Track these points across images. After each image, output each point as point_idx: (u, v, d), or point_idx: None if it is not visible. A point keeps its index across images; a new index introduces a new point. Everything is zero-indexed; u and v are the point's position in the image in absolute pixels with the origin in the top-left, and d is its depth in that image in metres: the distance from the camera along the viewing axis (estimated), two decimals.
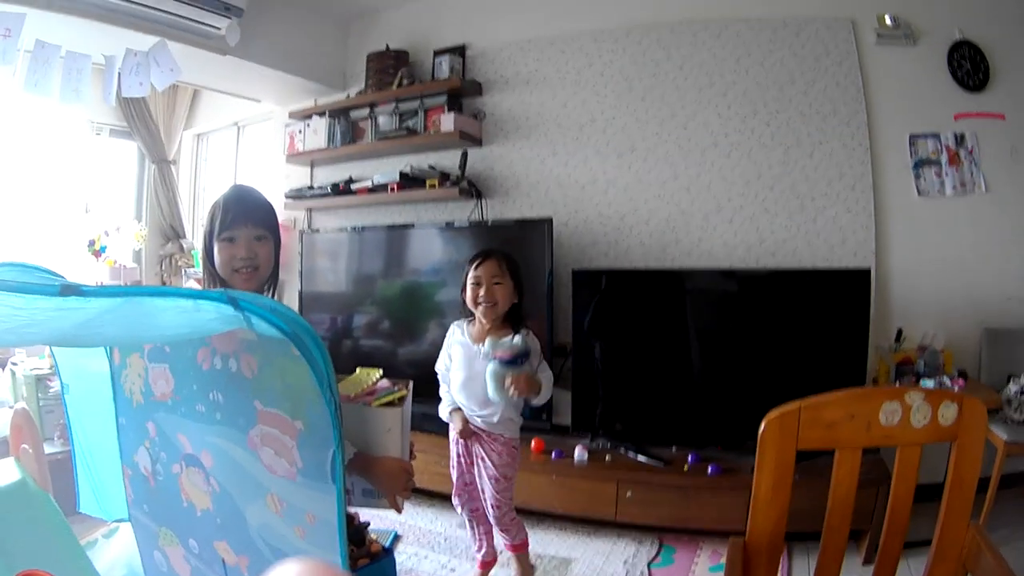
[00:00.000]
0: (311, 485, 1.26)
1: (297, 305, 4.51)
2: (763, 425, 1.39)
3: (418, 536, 3.32)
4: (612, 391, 3.58)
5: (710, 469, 3.17)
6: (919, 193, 3.52)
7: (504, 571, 2.86)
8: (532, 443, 3.51)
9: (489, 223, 4.17)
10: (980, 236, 3.45)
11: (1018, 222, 3.41)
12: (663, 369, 3.57)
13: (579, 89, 4.13)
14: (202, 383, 1.43)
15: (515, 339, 2.49)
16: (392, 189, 4.35)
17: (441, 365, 2.74)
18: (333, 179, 4.74)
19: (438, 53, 4.45)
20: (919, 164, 3.51)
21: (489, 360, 2.48)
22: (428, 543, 3.25)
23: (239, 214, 1.71)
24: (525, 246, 3.67)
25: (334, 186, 4.67)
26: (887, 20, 3.51)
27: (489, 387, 2.46)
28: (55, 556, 1.61)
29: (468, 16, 4.49)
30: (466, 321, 2.70)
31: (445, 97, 4.34)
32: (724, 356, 3.50)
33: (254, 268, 1.72)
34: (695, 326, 3.56)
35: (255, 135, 5.87)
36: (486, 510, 2.68)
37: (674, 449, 3.41)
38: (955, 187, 3.47)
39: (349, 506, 1.63)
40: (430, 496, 3.55)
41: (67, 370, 1.93)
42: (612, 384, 3.59)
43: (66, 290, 1.02)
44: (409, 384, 1.71)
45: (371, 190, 4.47)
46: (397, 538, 3.29)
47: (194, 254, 5.68)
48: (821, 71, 3.63)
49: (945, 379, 3.14)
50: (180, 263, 5.76)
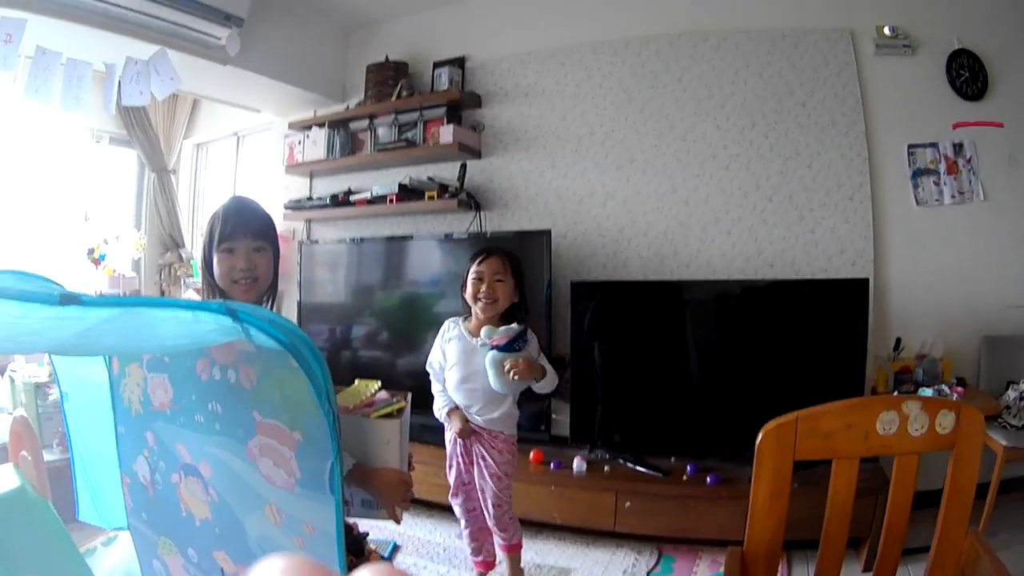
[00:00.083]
0: (309, 496, 1.25)
1: (296, 316, 4.50)
2: (760, 436, 1.40)
3: (417, 546, 3.31)
4: (611, 402, 3.57)
5: (709, 479, 3.17)
6: (917, 202, 3.53)
7: (494, 573, 2.87)
8: (531, 454, 3.50)
9: (488, 235, 4.16)
10: (979, 244, 3.46)
11: (1016, 229, 3.42)
12: (662, 380, 3.56)
13: (578, 101, 4.14)
14: (201, 393, 1.43)
15: (512, 325, 2.48)
16: (391, 201, 4.36)
17: (435, 362, 2.70)
18: (332, 190, 4.74)
19: (437, 65, 4.47)
20: (917, 173, 3.52)
21: (487, 350, 2.47)
22: (427, 553, 3.24)
23: (238, 225, 1.72)
24: (524, 258, 3.62)
25: (333, 197, 4.67)
26: (886, 30, 3.53)
27: (490, 375, 2.44)
28: (54, 563, 1.61)
29: (467, 28, 4.51)
30: (462, 318, 2.68)
31: (444, 109, 4.36)
32: (723, 367, 3.50)
33: (253, 279, 1.73)
34: (693, 337, 3.56)
35: (254, 145, 5.88)
36: (484, 509, 2.67)
37: (673, 459, 3.41)
38: (953, 196, 3.48)
39: (348, 516, 1.63)
40: (429, 507, 3.55)
41: (66, 378, 1.93)
42: (611, 395, 3.58)
43: (65, 299, 1.02)
44: (408, 396, 1.71)
45: (370, 201, 4.47)
46: (396, 548, 3.28)
47: (193, 264, 5.68)
48: (820, 82, 3.65)
49: (944, 387, 3.13)
50: (179, 273, 5.76)
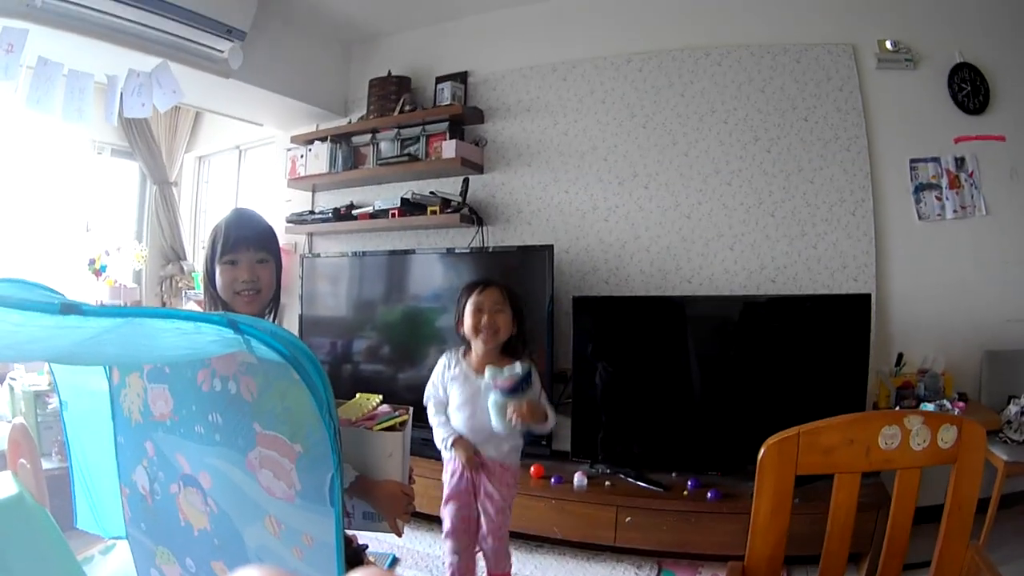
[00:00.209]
0: (309, 508, 1.25)
1: (297, 329, 4.50)
2: (762, 451, 1.40)
3: (416, 559, 3.30)
4: (612, 417, 3.56)
5: (710, 494, 3.15)
6: (920, 217, 3.53)
7: None
8: (532, 469, 3.49)
9: (490, 250, 4.18)
10: (981, 258, 3.46)
11: (1018, 243, 3.43)
12: (663, 395, 3.55)
13: (580, 116, 4.16)
14: (201, 404, 1.43)
15: (516, 367, 2.44)
16: (393, 215, 4.37)
17: (432, 396, 2.61)
18: (334, 204, 4.75)
19: (440, 79, 4.48)
20: (919, 188, 3.53)
21: (490, 391, 2.44)
22: (426, 566, 3.23)
23: (241, 237, 1.73)
24: (526, 273, 3.69)
25: (335, 211, 4.68)
26: (888, 45, 3.55)
27: (492, 418, 2.40)
28: (51, 571, 1.60)
29: (470, 43, 4.53)
30: (459, 351, 2.61)
31: (447, 123, 4.36)
32: (724, 382, 3.49)
33: (256, 291, 1.74)
34: (695, 352, 3.55)
35: (257, 159, 5.89)
36: (482, 541, 2.57)
37: (674, 475, 3.39)
38: (955, 211, 3.48)
39: (350, 529, 1.63)
40: (429, 520, 3.50)
41: (66, 387, 1.93)
42: (612, 410, 3.57)
43: (66, 308, 1.03)
44: (409, 410, 1.73)
45: (372, 215, 4.48)
46: (395, 561, 3.27)
47: (195, 276, 5.69)
48: (822, 97, 3.66)
49: (945, 402, 3.12)
50: (180, 284, 5.77)
